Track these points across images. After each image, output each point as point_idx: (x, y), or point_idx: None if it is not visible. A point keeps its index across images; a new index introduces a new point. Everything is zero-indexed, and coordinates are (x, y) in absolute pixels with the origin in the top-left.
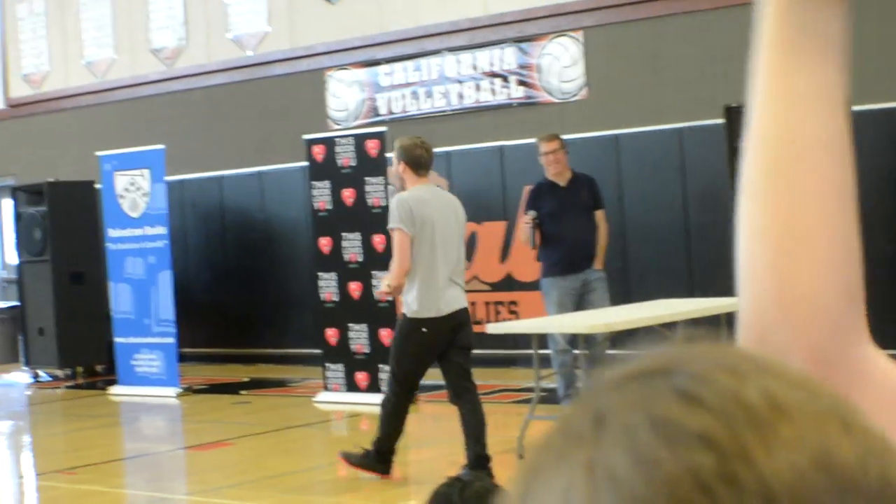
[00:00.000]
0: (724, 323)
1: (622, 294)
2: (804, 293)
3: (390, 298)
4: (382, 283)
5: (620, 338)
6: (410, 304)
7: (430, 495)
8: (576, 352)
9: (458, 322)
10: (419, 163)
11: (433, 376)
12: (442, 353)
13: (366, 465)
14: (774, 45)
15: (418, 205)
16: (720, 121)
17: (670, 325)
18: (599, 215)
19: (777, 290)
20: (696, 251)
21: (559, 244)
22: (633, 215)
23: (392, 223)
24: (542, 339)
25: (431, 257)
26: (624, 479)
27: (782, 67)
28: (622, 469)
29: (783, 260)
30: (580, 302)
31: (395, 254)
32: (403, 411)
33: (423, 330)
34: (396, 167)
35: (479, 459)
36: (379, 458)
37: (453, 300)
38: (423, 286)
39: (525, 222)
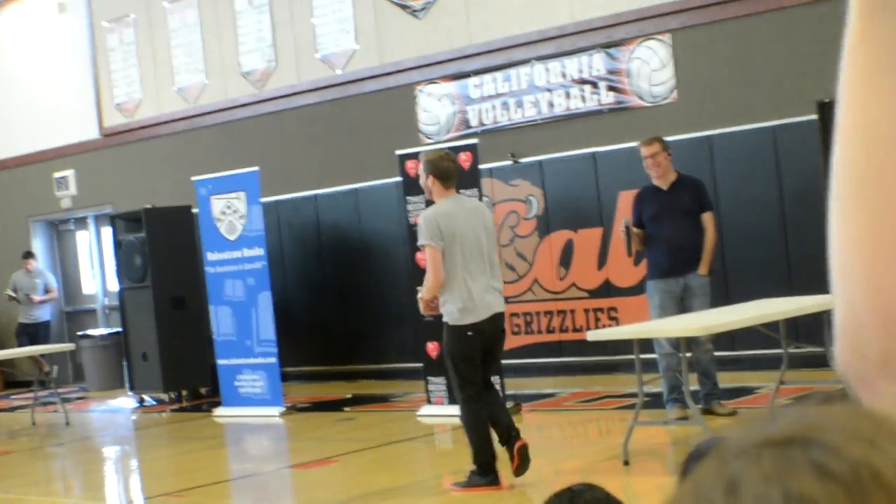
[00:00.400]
0: (826, 321)
1: (721, 295)
2: None
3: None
4: (419, 297)
5: (723, 339)
6: (452, 314)
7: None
8: (681, 355)
9: (497, 327)
10: (447, 175)
11: (536, 385)
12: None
13: (474, 483)
14: (863, 45)
15: (445, 219)
16: (813, 117)
17: (772, 325)
18: (706, 218)
19: (872, 300)
20: (793, 249)
21: (659, 247)
22: (729, 216)
23: (421, 240)
24: (644, 344)
25: (464, 267)
26: None
27: (871, 68)
28: None
29: (878, 270)
30: (682, 306)
31: (428, 269)
32: (482, 415)
33: (469, 334)
34: (425, 181)
35: (508, 431)
36: (483, 472)
37: (490, 305)
38: (461, 295)
39: (620, 230)
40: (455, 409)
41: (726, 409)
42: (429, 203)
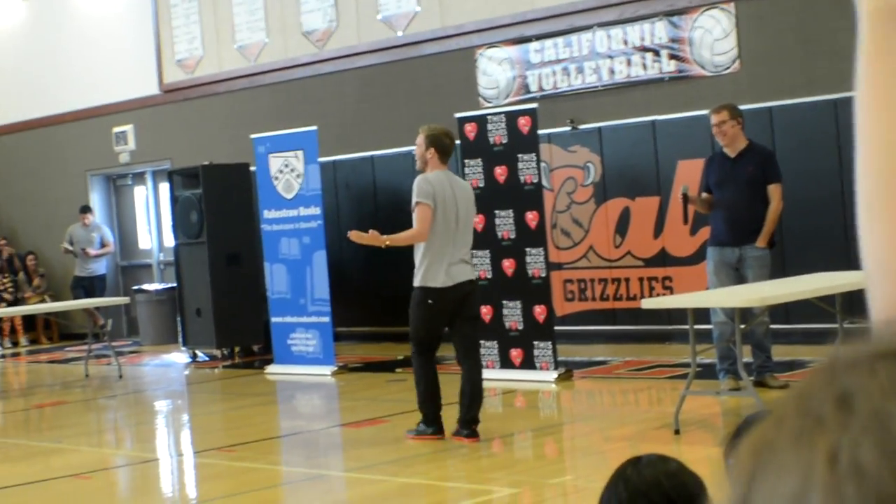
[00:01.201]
0: None
1: (777, 268)
2: None
3: (543, 274)
4: (380, 236)
5: (778, 312)
6: (420, 275)
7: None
8: (736, 326)
9: (464, 292)
10: (445, 151)
11: (588, 353)
12: (451, 321)
13: (421, 432)
14: (879, 56)
15: (440, 186)
16: None
17: (827, 299)
18: (772, 190)
19: None
20: (852, 223)
21: (719, 216)
22: (788, 188)
23: (417, 198)
24: (698, 314)
25: (444, 234)
26: (871, 472)
27: (889, 79)
28: (870, 461)
29: None
30: (738, 276)
31: (415, 224)
32: (430, 372)
33: (430, 302)
34: (423, 151)
35: (466, 421)
36: (427, 421)
37: (458, 273)
38: (433, 260)
39: (678, 196)
40: (506, 374)
41: (779, 381)
42: (417, 173)
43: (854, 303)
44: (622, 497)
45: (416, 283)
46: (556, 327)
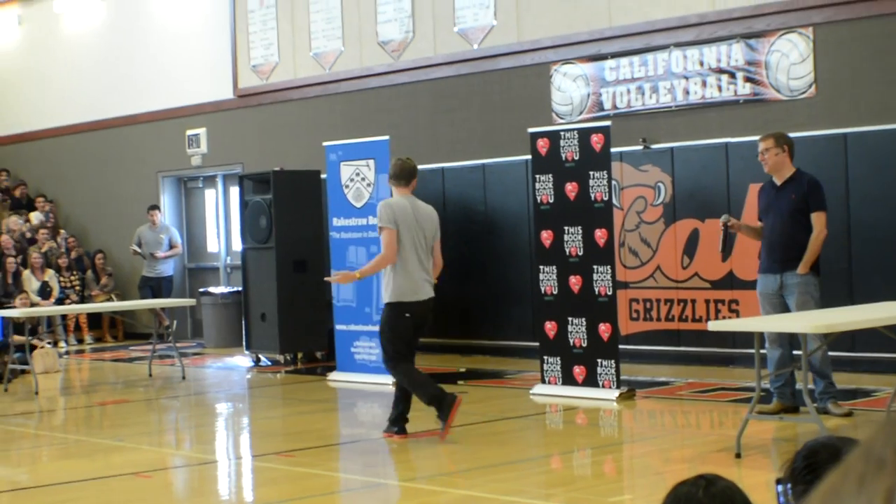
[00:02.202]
0: None
1: (845, 295)
2: None
3: (610, 292)
4: (342, 274)
5: (844, 339)
6: (392, 292)
7: (671, 494)
8: (796, 353)
9: (428, 308)
10: (400, 176)
11: (651, 372)
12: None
13: (444, 423)
14: None
15: (400, 210)
16: None
17: (893, 328)
18: (814, 217)
19: None
20: None
21: (763, 243)
22: (858, 215)
23: (379, 223)
24: (764, 338)
25: (412, 253)
26: None
27: None
28: None
29: None
30: (781, 303)
31: (383, 248)
32: (411, 369)
33: (407, 315)
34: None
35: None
36: (440, 410)
37: (426, 290)
38: (403, 277)
39: (720, 224)
40: (568, 390)
41: (841, 409)
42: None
43: None
44: None
45: (389, 299)
46: (621, 346)
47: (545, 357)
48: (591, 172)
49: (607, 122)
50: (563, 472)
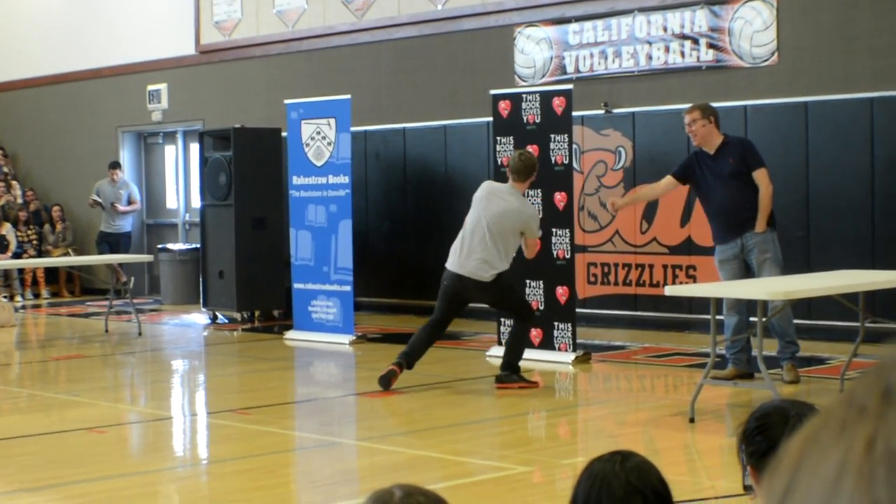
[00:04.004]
0: None
1: (803, 262)
2: None
3: (568, 256)
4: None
5: (800, 307)
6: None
7: (586, 470)
8: (752, 319)
9: (460, 284)
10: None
11: (607, 336)
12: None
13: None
14: None
15: (479, 192)
16: None
17: (851, 297)
18: (757, 176)
19: None
20: (880, 222)
21: (711, 214)
22: (817, 184)
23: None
24: (720, 305)
25: (469, 231)
26: None
27: None
28: None
29: None
30: (743, 265)
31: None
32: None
33: (445, 283)
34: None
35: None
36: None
37: (462, 266)
38: (454, 247)
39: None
40: (526, 353)
41: (791, 375)
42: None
43: (877, 302)
44: (616, 496)
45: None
46: (578, 310)
47: (502, 319)
48: (552, 136)
49: (569, 86)
50: (517, 433)
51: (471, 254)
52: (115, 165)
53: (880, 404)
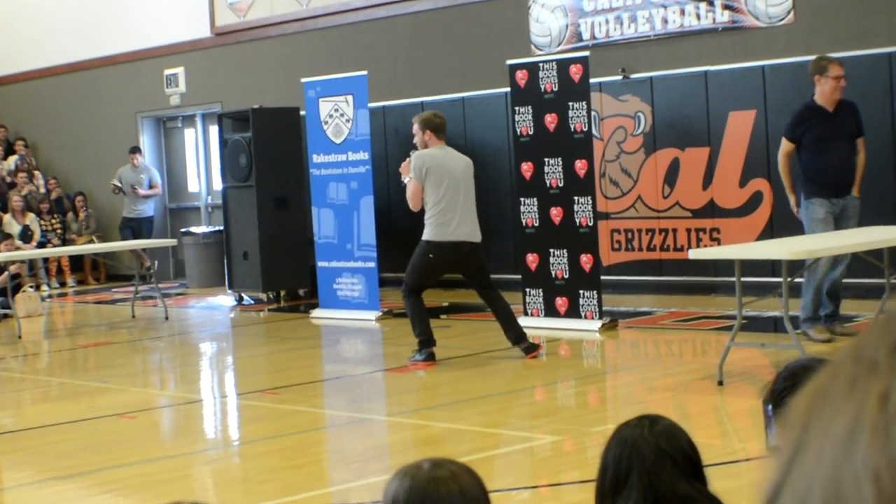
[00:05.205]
0: None
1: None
2: None
3: (591, 223)
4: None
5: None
6: (428, 232)
7: (615, 435)
8: (783, 280)
9: (460, 251)
10: (438, 129)
11: (633, 303)
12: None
13: (420, 360)
14: None
15: (432, 160)
16: None
17: (875, 253)
18: (861, 141)
19: None
20: None
21: (828, 168)
22: None
23: (411, 175)
24: (745, 266)
25: (446, 198)
26: None
27: None
28: None
29: None
30: (836, 227)
31: (408, 196)
32: (419, 305)
33: (430, 256)
34: (422, 136)
35: (518, 338)
36: (426, 353)
37: (460, 235)
38: (438, 220)
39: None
40: (551, 322)
41: (822, 336)
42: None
43: None
44: (646, 461)
45: (425, 237)
46: (602, 277)
47: (527, 289)
48: (571, 103)
49: (586, 53)
50: (546, 403)
51: (464, 219)
52: (136, 150)
53: (891, 358)
